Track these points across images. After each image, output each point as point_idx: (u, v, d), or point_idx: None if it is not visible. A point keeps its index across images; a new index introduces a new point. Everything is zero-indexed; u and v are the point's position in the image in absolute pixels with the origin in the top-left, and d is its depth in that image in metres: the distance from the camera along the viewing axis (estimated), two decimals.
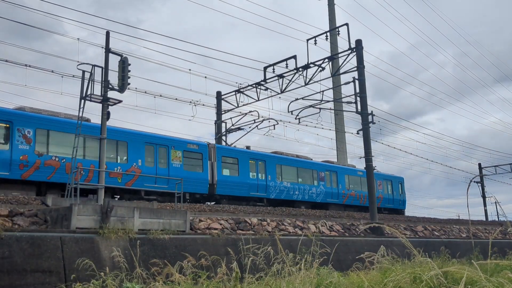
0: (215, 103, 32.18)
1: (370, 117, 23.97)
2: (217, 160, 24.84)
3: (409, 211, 43.17)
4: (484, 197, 53.18)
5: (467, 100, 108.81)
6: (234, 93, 30.75)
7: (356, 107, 24.30)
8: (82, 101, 16.49)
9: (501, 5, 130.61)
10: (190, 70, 27.60)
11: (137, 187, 20.71)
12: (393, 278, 5.59)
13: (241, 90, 30.10)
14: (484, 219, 49.72)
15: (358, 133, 25.22)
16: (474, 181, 54.08)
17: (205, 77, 28.63)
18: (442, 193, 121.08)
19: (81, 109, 16.45)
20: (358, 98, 24.22)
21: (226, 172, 25.32)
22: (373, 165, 24.35)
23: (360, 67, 24.23)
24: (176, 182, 17.13)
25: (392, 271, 6.12)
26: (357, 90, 24.34)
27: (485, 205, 52.75)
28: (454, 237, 27.18)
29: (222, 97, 32.10)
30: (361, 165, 37.00)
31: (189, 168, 23.46)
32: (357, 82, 24.46)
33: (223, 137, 31.96)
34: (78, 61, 18.38)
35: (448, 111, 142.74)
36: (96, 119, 20.07)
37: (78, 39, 21.45)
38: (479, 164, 59.86)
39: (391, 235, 19.05)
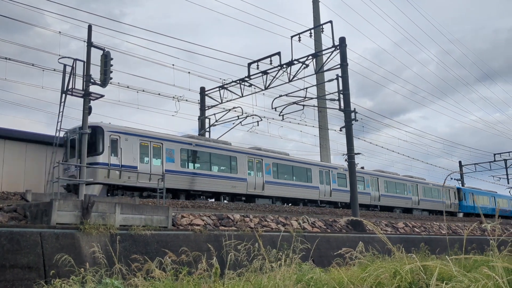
0: (199, 99, 32.06)
1: (353, 114, 24.17)
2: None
3: None
4: None
5: (449, 99, 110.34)
6: (218, 89, 30.70)
7: (339, 105, 24.48)
8: (63, 95, 16.34)
9: (483, 2, 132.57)
10: (173, 65, 27.49)
11: None
12: (371, 274, 5.65)
13: (225, 86, 30.06)
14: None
15: (341, 130, 25.40)
16: (453, 178, 55.00)
17: (189, 72, 28.52)
18: None
19: (62, 104, 16.29)
20: (341, 96, 24.41)
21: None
22: (356, 162, 24.59)
23: (343, 64, 24.40)
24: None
25: (371, 267, 6.18)
26: (341, 88, 24.52)
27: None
28: (434, 233, 27.59)
29: (206, 93, 32.02)
30: (343, 161, 37.20)
31: None
32: (340, 79, 24.64)
33: (207, 133, 31.87)
34: (59, 55, 18.15)
35: (430, 109, 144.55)
36: (77, 114, 19.71)
37: (60, 32, 21.09)
38: (460, 162, 60.93)
39: (372, 232, 19.24)
